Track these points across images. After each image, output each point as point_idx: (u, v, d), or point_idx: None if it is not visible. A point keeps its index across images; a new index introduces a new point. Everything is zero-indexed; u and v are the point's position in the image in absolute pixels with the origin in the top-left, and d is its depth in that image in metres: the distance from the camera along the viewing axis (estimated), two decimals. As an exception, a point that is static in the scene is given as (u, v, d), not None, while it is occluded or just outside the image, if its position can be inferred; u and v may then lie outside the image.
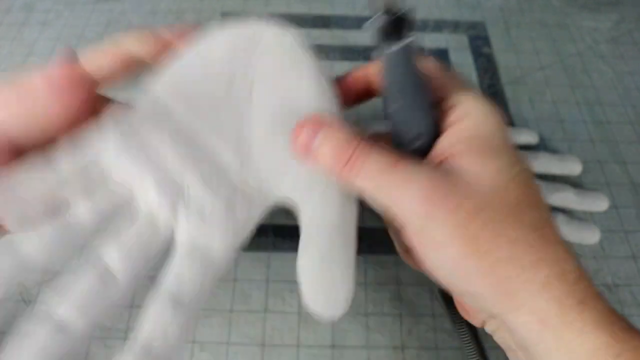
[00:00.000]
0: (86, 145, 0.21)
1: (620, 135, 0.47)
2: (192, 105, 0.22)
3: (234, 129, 0.22)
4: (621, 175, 0.44)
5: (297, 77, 0.22)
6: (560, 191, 0.40)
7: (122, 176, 0.21)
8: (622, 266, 0.39)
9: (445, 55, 0.53)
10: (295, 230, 0.41)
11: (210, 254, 0.20)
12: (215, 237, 0.20)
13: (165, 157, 0.21)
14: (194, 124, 0.22)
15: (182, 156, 0.21)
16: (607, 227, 0.41)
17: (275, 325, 0.36)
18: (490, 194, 0.18)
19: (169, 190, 0.21)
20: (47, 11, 0.56)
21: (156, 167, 0.21)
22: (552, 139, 0.46)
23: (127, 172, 0.21)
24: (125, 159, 0.21)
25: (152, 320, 0.19)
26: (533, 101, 0.49)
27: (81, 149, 0.21)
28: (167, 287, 0.19)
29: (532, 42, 0.54)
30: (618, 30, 0.56)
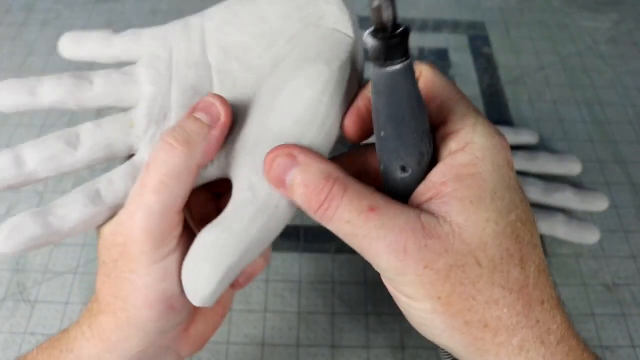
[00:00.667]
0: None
1: (620, 135, 0.47)
2: (227, 50, 0.22)
3: (247, 90, 0.22)
4: (621, 175, 0.44)
5: (306, 82, 0.20)
6: (560, 191, 0.40)
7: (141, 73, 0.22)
8: (622, 266, 0.39)
9: (445, 56, 0.53)
10: (295, 231, 0.41)
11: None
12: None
13: (178, 80, 0.22)
14: (219, 66, 0.22)
15: (188, 91, 0.22)
16: (607, 227, 0.41)
17: (275, 325, 0.36)
18: (471, 251, 0.16)
19: (157, 110, 0.21)
20: (47, 11, 0.56)
21: (164, 84, 0.22)
22: (552, 138, 0.46)
23: (147, 74, 0.22)
24: (153, 63, 0.22)
25: (63, 200, 0.20)
26: (533, 101, 0.49)
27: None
28: (95, 183, 0.20)
29: (532, 42, 0.54)
30: (618, 30, 0.56)
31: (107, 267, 0.20)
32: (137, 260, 0.19)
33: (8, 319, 0.35)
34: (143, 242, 0.19)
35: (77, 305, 0.36)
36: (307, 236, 0.40)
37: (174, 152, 0.19)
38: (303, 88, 0.20)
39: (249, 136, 0.20)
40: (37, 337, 0.35)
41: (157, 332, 0.20)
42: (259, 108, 0.21)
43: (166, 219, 0.19)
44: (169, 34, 0.23)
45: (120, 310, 0.20)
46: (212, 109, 0.20)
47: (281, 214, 0.19)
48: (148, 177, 0.19)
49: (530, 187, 0.41)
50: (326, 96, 0.20)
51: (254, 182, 0.19)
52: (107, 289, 0.20)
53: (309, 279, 0.38)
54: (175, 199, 0.19)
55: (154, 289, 0.19)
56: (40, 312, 0.36)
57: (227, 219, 0.19)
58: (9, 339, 0.35)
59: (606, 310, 0.37)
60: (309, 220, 0.41)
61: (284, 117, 0.20)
